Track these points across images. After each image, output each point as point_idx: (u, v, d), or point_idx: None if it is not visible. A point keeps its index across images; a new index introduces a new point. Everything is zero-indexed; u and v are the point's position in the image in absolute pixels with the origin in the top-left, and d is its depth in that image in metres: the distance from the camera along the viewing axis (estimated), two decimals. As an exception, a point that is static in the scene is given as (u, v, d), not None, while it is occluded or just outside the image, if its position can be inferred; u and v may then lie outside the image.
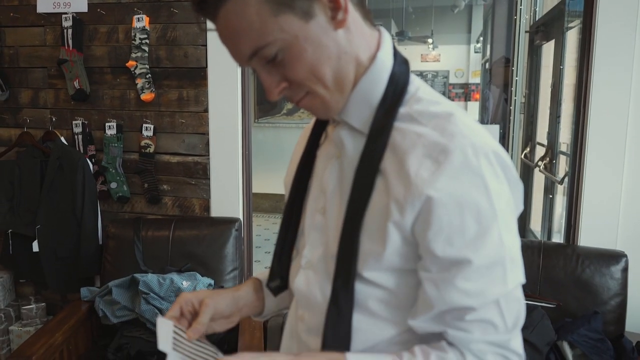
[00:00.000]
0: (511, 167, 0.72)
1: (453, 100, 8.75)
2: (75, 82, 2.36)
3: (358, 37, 0.74)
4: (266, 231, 5.37)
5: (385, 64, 0.76)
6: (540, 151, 3.60)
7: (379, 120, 0.74)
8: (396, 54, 0.78)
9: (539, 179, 3.72)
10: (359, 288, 0.74)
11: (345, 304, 0.74)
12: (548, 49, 3.63)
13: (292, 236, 0.87)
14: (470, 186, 0.67)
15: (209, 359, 0.79)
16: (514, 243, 0.71)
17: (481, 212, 0.67)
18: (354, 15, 0.73)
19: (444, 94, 8.91)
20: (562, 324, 1.83)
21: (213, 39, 2.28)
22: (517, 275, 0.71)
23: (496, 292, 0.68)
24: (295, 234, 0.87)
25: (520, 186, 0.74)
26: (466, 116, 0.74)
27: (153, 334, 2.01)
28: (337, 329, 0.74)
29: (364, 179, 0.73)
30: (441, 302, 0.69)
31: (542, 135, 3.67)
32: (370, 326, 0.75)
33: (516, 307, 0.71)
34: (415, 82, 0.78)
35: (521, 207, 0.76)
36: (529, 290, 1.92)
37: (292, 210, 0.87)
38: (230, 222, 2.33)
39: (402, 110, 0.74)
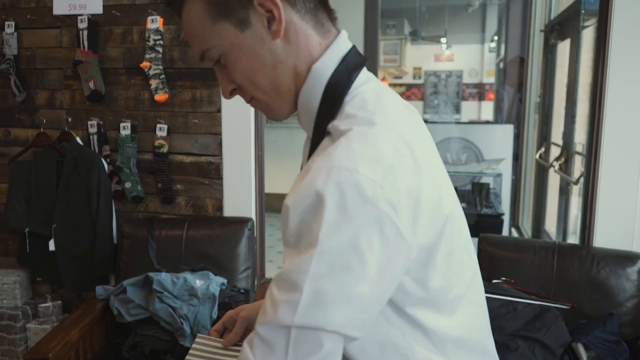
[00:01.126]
0: (379, 207, 0.62)
1: (467, 100, 8.70)
2: (90, 83, 2.39)
3: (298, 47, 0.74)
4: (278, 231, 5.38)
5: (321, 75, 0.75)
6: (555, 151, 3.57)
7: (315, 133, 0.75)
8: (344, 61, 0.76)
9: (554, 180, 3.68)
10: None
11: None
12: (563, 48, 3.59)
13: None
14: (310, 206, 0.63)
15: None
16: (329, 285, 0.62)
17: (310, 233, 0.63)
18: (297, 25, 0.74)
19: (457, 94, 8.88)
20: (577, 325, 1.81)
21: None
22: (315, 315, 0.62)
23: (284, 316, 0.63)
24: None
25: (389, 232, 0.63)
26: (365, 135, 0.67)
27: (167, 332, 2.03)
28: None
29: None
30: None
31: (557, 135, 3.63)
32: None
33: (306, 350, 0.64)
34: (355, 92, 0.75)
35: (386, 255, 0.65)
36: (543, 291, 1.90)
37: None
38: (242, 221, 2.34)
39: (331, 124, 0.73)
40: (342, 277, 0.62)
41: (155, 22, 2.32)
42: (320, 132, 0.73)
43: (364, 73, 0.78)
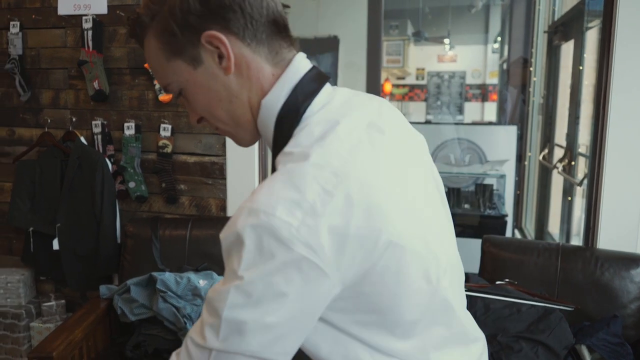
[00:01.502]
0: (289, 243, 0.63)
1: (470, 101, 8.69)
2: (94, 83, 2.39)
3: (250, 80, 0.75)
4: (281, 231, 5.39)
5: (271, 108, 0.76)
6: (558, 153, 3.57)
7: (273, 163, 0.76)
8: (294, 91, 0.75)
9: (557, 181, 3.68)
10: None
11: None
12: (567, 50, 3.59)
13: None
14: (232, 243, 0.66)
15: None
16: (246, 314, 0.66)
17: (231, 267, 0.66)
18: (248, 59, 0.74)
19: (461, 94, 8.87)
20: (581, 327, 1.81)
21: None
22: (236, 342, 0.66)
23: (209, 339, 0.67)
24: None
25: (304, 267, 0.65)
26: (292, 172, 0.67)
27: (170, 332, 2.03)
28: None
29: None
30: None
31: (560, 136, 3.63)
32: None
33: None
34: (303, 123, 0.74)
35: (301, 290, 0.67)
36: (546, 293, 1.90)
37: None
38: (246, 222, 2.34)
39: (277, 158, 0.74)
40: (256, 309, 0.66)
41: (159, 23, 2.32)
42: (273, 164, 0.75)
43: (322, 97, 0.76)
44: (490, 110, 8.28)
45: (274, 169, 0.74)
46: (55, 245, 2.39)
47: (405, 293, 0.73)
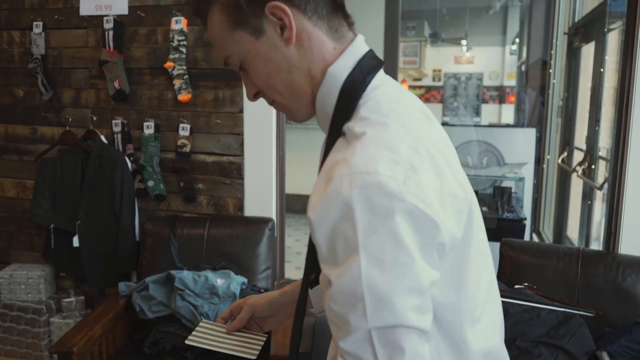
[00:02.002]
0: (403, 198, 0.64)
1: (487, 102, 8.63)
2: (115, 83, 2.42)
3: (311, 52, 0.77)
4: (297, 232, 5.39)
5: (336, 78, 0.77)
6: (578, 156, 3.52)
7: (330, 134, 0.77)
8: (359, 65, 0.77)
9: (576, 185, 3.63)
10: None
11: (302, 303, 0.81)
12: (587, 51, 3.54)
13: None
14: (340, 216, 0.65)
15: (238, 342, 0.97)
16: (386, 283, 0.64)
17: (347, 242, 0.65)
18: (309, 32, 0.76)
19: (478, 96, 8.80)
20: (602, 333, 1.78)
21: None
22: (384, 316, 0.64)
23: (357, 325, 0.65)
24: None
25: (419, 218, 0.65)
26: (380, 137, 0.68)
27: (188, 329, 2.05)
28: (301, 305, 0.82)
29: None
30: (327, 314, 0.70)
31: (580, 139, 3.58)
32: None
33: (391, 352, 0.65)
34: (369, 95, 0.76)
35: (439, 239, 0.68)
36: (566, 298, 1.88)
37: None
38: (263, 221, 2.35)
39: (345, 125, 0.75)
40: (393, 272, 0.65)
41: (179, 23, 2.34)
42: (335, 133, 0.76)
43: (380, 77, 0.79)
44: (507, 113, 8.20)
45: (329, 145, 0.75)
46: (76, 242, 2.42)
47: (479, 266, 0.76)
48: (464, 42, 7.72)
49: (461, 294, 0.74)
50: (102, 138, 2.48)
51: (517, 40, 7.12)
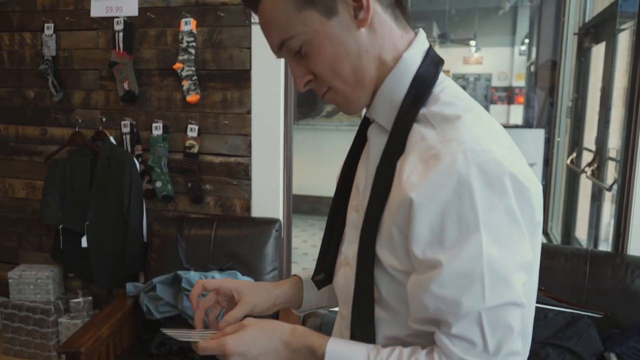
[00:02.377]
0: (516, 177, 0.66)
1: (496, 103, 8.59)
2: (124, 84, 2.44)
3: (383, 37, 0.75)
4: (304, 232, 5.40)
5: (410, 64, 0.76)
6: (587, 157, 3.50)
7: (400, 119, 0.75)
8: (427, 55, 0.78)
9: (585, 186, 3.61)
10: (382, 283, 0.75)
11: (366, 300, 0.76)
12: (597, 52, 3.52)
13: (337, 232, 0.89)
14: (455, 194, 0.65)
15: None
16: (506, 260, 0.66)
17: (462, 220, 0.65)
18: (381, 16, 0.75)
19: (486, 97, 8.76)
20: (610, 334, 1.77)
21: (257, 42, 2.31)
22: (501, 293, 0.66)
23: (472, 306, 0.65)
24: (341, 231, 0.88)
25: (529, 198, 0.68)
26: (479, 120, 0.72)
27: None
28: (361, 324, 0.77)
29: (381, 178, 0.74)
30: (421, 306, 0.69)
31: (589, 140, 3.56)
32: (391, 322, 0.76)
33: (503, 332, 0.67)
34: (442, 84, 0.77)
35: (538, 220, 0.71)
36: (574, 299, 1.87)
37: (338, 207, 0.89)
38: (270, 222, 2.36)
39: (422, 111, 0.75)
40: (508, 249, 0.66)
41: (188, 25, 2.36)
42: (407, 118, 0.74)
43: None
44: (516, 113, 8.16)
45: (399, 131, 0.74)
46: (84, 242, 2.44)
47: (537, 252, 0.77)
48: (472, 42, 7.70)
49: (533, 277, 0.76)
50: (111, 139, 2.49)
51: (527, 40, 7.09)
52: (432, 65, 0.77)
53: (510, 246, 0.66)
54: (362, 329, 0.77)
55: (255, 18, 0.78)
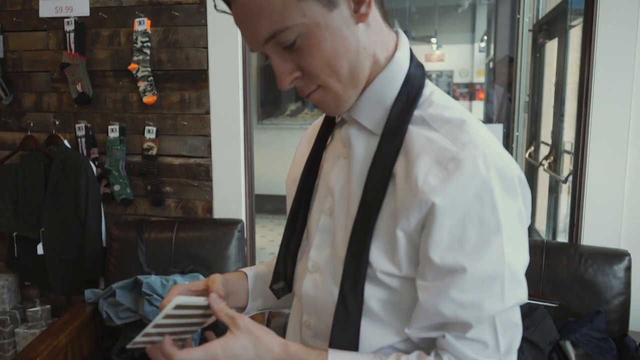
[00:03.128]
0: (523, 179, 0.70)
1: (458, 99, 8.74)
2: (78, 86, 2.37)
3: (377, 34, 0.73)
4: (271, 232, 5.38)
5: (401, 65, 0.75)
6: (544, 150, 3.59)
7: (393, 121, 0.73)
8: (412, 57, 0.77)
9: (543, 179, 3.70)
10: (367, 291, 0.73)
11: (353, 308, 0.73)
12: (551, 48, 3.62)
13: (297, 238, 0.85)
14: (477, 197, 0.65)
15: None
16: (519, 261, 0.69)
17: (484, 224, 0.65)
18: (374, 13, 0.72)
19: (448, 93, 8.89)
20: (565, 323, 1.82)
21: (214, 41, 2.29)
22: (516, 293, 0.68)
23: (492, 309, 0.66)
24: (301, 236, 0.85)
25: (529, 198, 0.72)
26: (479, 124, 0.73)
27: (156, 335, 2.02)
28: (345, 334, 0.73)
29: (377, 181, 0.72)
30: (436, 313, 0.68)
31: (546, 134, 3.66)
32: (375, 331, 0.74)
33: (512, 332, 0.70)
34: (429, 86, 0.78)
35: (528, 221, 0.73)
36: (531, 290, 1.91)
37: (297, 211, 0.85)
38: (232, 223, 2.33)
39: (416, 113, 0.73)
40: (519, 250, 0.69)
41: (142, 24, 2.31)
42: (399, 122, 0.73)
43: None
44: (477, 109, 8.32)
45: (391, 132, 0.73)
46: (40, 249, 2.36)
47: None
48: (434, 40, 7.80)
49: None
50: (66, 142, 2.42)
51: (485, 37, 7.23)
52: (418, 68, 0.77)
53: (520, 247, 0.69)
54: (345, 339, 0.73)
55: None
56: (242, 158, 2.39)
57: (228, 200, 2.41)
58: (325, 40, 0.67)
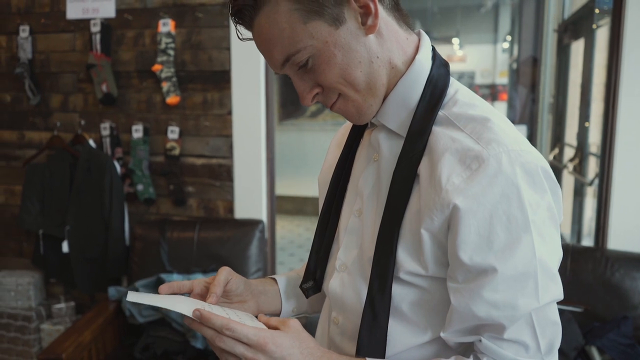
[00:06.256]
0: (550, 174, 0.69)
1: (479, 101, 8.64)
2: (103, 86, 2.41)
3: (391, 41, 0.74)
4: (290, 233, 5.39)
5: (423, 66, 0.75)
6: (569, 152, 3.53)
7: (417, 123, 0.73)
8: (435, 56, 0.77)
9: (568, 181, 3.64)
10: (394, 291, 0.73)
11: (381, 308, 0.73)
12: (577, 48, 3.56)
13: (329, 238, 0.86)
14: (503, 196, 0.65)
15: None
16: (551, 257, 0.67)
17: (512, 222, 0.65)
18: (386, 20, 0.73)
19: (470, 94, 8.79)
20: (591, 328, 1.78)
21: (237, 43, 2.30)
22: (551, 290, 0.67)
23: (526, 307, 0.66)
24: (332, 236, 0.86)
25: (559, 194, 0.71)
26: (504, 121, 0.72)
27: (178, 333, 2.04)
28: (372, 333, 0.74)
29: (401, 182, 0.72)
30: (470, 315, 0.68)
31: (571, 136, 3.60)
32: (403, 331, 0.74)
33: (551, 330, 0.68)
34: (454, 85, 0.77)
35: (561, 217, 0.72)
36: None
37: (328, 212, 0.87)
38: (253, 223, 2.35)
39: (441, 113, 0.74)
40: (551, 246, 0.68)
41: (166, 26, 2.34)
42: (423, 123, 0.73)
43: None
44: (500, 110, 8.21)
45: (416, 133, 0.73)
46: (65, 247, 2.41)
47: None
48: (455, 40, 7.73)
49: None
50: (91, 142, 2.46)
51: (509, 38, 7.14)
52: (442, 67, 0.77)
53: (553, 242, 0.68)
54: (372, 339, 0.74)
55: (245, 34, 0.74)
56: (264, 158, 2.40)
57: (249, 200, 2.42)
58: (336, 56, 0.70)
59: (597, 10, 2.93)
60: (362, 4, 0.70)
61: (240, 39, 0.77)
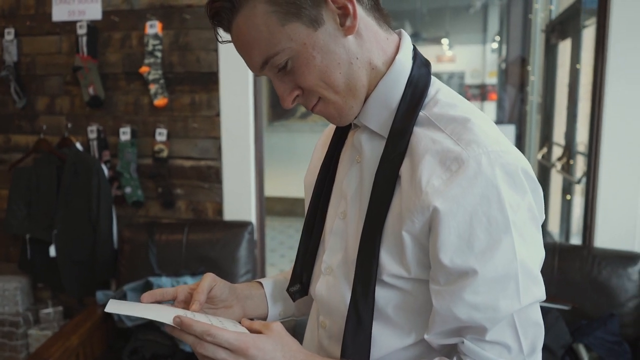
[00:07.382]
0: (531, 175, 0.68)
1: (469, 100, 8.68)
2: (90, 89, 2.40)
3: (370, 42, 0.73)
4: (280, 234, 5.38)
5: (403, 66, 0.75)
6: (557, 151, 3.56)
7: (398, 123, 0.73)
8: (416, 56, 0.77)
9: (556, 180, 3.67)
10: (378, 294, 0.73)
11: (365, 311, 0.73)
12: (564, 48, 3.58)
13: (314, 241, 0.85)
14: (482, 197, 0.64)
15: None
16: (533, 257, 0.67)
17: (492, 223, 0.65)
18: (365, 21, 0.72)
19: (460, 94, 8.84)
20: (578, 326, 1.80)
21: (224, 44, 2.29)
22: (533, 291, 0.67)
23: (508, 309, 0.65)
24: (318, 239, 0.85)
25: (540, 194, 0.71)
26: (485, 121, 0.72)
27: (167, 337, 2.03)
28: (357, 337, 0.74)
29: (383, 184, 0.72)
30: (451, 317, 0.67)
31: (559, 135, 3.62)
32: (388, 333, 0.74)
33: (533, 331, 0.68)
34: (435, 85, 0.77)
35: (542, 216, 0.72)
36: (544, 293, 1.89)
37: (314, 215, 0.86)
38: (242, 225, 2.34)
39: (422, 113, 0.73)
40: (532, 246, 0.67)
41: (153, 27, 2.32)
42: (404, 124, 0.72)
43: None
44: (489, 110, 8.26)
45: (398, 133, 0.72)
46: (52, 251, 2.38)
47: None
48: (445, 41, 7.76)
49: None
50: (78, 145, 2.44)
51: (497, 38, 7.18)
52: (423, 67, 0.76)
53: (534, 243, 0.68)
54: (357, 342, 0.74)
55: (224, 36, 0.74)
56: (252, 160, 2.40)
57: (238, 202, 2.42)
58: (315, 58, 0.70)
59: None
60: (340, 5, 0.69)
61: (220, 42, 0.76)
